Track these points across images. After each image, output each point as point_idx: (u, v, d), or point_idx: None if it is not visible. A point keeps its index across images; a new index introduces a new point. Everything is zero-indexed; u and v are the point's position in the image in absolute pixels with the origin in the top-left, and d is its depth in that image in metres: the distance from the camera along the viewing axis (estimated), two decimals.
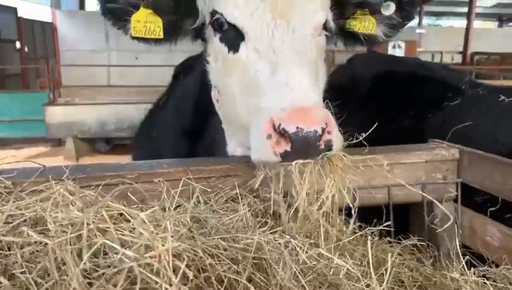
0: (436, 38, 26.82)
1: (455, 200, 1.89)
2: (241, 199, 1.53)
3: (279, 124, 1.32)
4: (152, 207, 1.14)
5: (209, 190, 1.56)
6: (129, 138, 9.83)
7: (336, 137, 1.40)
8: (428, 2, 28.04)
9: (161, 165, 1.61)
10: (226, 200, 1.54)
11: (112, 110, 10.86)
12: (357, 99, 3.13)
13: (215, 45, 1.75)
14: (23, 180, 1.42)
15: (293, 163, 1.40)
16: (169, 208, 1.27)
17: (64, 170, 1.45)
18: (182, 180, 1.48)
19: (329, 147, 1.37)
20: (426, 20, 37.18)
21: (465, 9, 24.39)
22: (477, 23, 31.26)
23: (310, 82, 1.44)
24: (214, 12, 1.68)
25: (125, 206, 1.09)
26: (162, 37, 1.79)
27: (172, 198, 1.37)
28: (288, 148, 1.33)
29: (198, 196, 1.49)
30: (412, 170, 1.84)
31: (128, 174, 1.52)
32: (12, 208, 1.11)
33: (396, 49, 17.41)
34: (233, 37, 1.64)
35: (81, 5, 24.61)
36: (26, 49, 18.32)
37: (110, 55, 20.70)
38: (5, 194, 1.30)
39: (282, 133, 1.32)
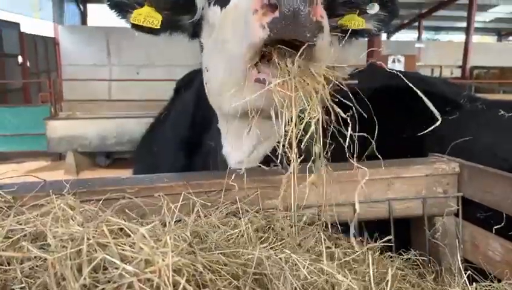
0: (435, 53, 27.03)
1: (456, 215, 1.88)
2: (242, 213, 1.53)
3: None
4: (152, 222, 1.14)
5: (209, 204, 1.56)
6: (129, 152, 9.85)
7: (326, 28, 1.36)
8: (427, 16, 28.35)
9: (161, 180, 1.62)
10: (227, 214, 1.54)
11: (112, 124, 10.89)
12: (358, 113, 3.14)
13: (210, 16, 1.82)
14: (24, 194, 1.42)
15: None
16: (169, 222, 1.27)
17: (64, 184, 1.45)
18: (182, 195, 1.48)
19: (320, 28, 1.32)
20: (425, 35, 37.52)
21: (463, 24, 24.62)
22: (476, 38, 31.55)
23: None
24: None
25: (125, 220, 1.09)
26: (158, 27, 1.89)
27: (172, 212, 1.37)
28: (277, 14, 1.27)
29: (198, 211, 1.48)
30: (413, 184, 1.84)
31: (129, 188, 1.52)
32: (12, 223, 1.11)
33: (396, 63, 17.54)
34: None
35: (83, 20, 24.88)
36: (28, 64, 18.46)
37: (112, 69, 20.86)
38: (5, 208, 1.30)
39: (270, 4, 1.28)
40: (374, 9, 1.96)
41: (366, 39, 13.32)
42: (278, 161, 1.52)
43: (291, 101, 1.38)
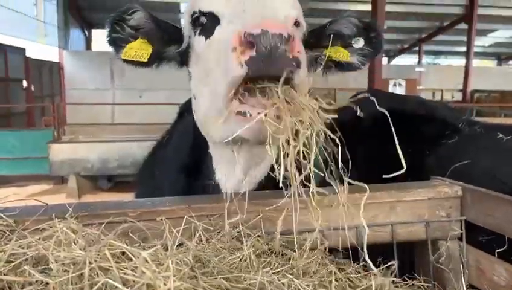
0: (435, 77, 27.23)
1: (460, 239, 1.87)
2: (244, 237, 1.52)
3: (245, 32, 1.31)
4: (154, 246, 1.14)
5: (211, 228, 1.56)
6: (131, 175, 9.84)
7: (304, 64, 1.39)
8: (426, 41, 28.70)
9: (163, 203, 1.62)
10: (229, 238, 1.53)
11: (114, 148, 10.93)
12: (359, 136, 3.16)
13: (195, 45, 1.88)
14: (26, 218, 1.42)
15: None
16: (171, 246, 1.26)
17: (66, 208, 1.45)
18: (185, 219, 1.48)
19: (298, 63, 1.35)
20: (425, 59, 37.92)
21: (463, 49, 24.91)
22: (475, 62, 31.86)
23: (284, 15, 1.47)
24: (193, 14, 1.83)
25: (127, 244, 1.09)
26: (146, 60, 1.98)
27: (174, 236, 1.36)
28: (254, 53, 1.30)
29: (200, 235, 1.48)
30: (415, 208, 1.84)
31: (131, 212, 1.52)
32: (14, 247, 1.11)
33: (397, 87, 17.67)
34: (209, 25, 1.75)
35: (88, 45, 25.28)
36: (32, 88, 18.66)
37: (115, 93, 21.05)
38: (7, 232, 1.30)
39: (248, 42, 1.31)
40: (359, 43, 2.04)
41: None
42: (280, 183, 1.52)
43: (284, 128, 1.41)
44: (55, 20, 21.20)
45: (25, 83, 18.31)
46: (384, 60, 35.78)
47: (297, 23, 1.81)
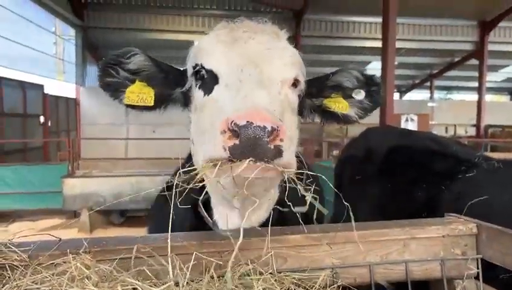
0: (448, 112, 27.20)
1: (476, 278, 1.82)
2: (256, 275, 1.50)
3: (232, 121, 1.35)
4: (166, 282, 1.14)
5: (221, 263, 1.55)
6: (143, 210, 9.82)
7: (289, 149, 1.41)
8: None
9: (175, 239, 1.62)
10: (240, 276, 1.51)
11: (127, 182, 10.98)
12: (372, 171, 3.16)
13: (195, 95, 1.88)
14: (40, 253, 1.43)
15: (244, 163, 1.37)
16: (183, 284, 1.26)
17: (79, 243, 1.46)
18: (194, 254, 1.47)
19: (279, 151, 1.38)
20: (437, 94, 37.99)
21: (475, 84, 24.96)
22: (488, 97, 31.82)
23: (270, 103, 1.48)
24: (195, 66, 1.85)
25: (139, 280, 1.09)
26: (152, 104, 1.98)
27: (185, 273, 1.36)
28: (237, 142, 1.34)
29: (211, 271, 1.47)
30: (430, 245, 1.81)
31: (143, 247, 1.52)
32: (28, 282, 1.12)
33: (409, 122, 17.64)
34: (209, 82, 1.76)
35: None
36: (49, 123, 19.08)
37: (129, 128, 21.39)
38: (21, 268, 1.31)
39: (234, 130, 1.35)
40: (360, 96, 2.05)
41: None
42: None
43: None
44: (73, 58, 21.90)
45: (42, 119, 18.74)
46: (396, 95, 35.94)
47: (295, 83, 1.84)
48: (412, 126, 17.23)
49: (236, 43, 1.75)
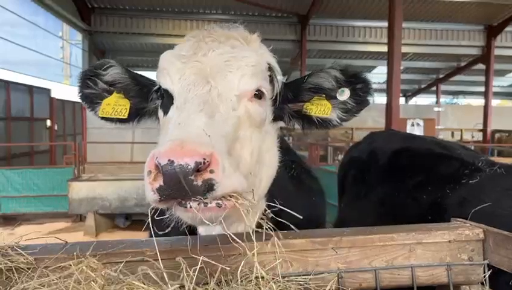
0: (454, 117, 27.10)
1: (482, 283, 1.81)
2: (262, 280, 1.50)
3: (156, 158, 1.26)
4: (172, 286, 1.14)
5: (228, 268, 1.55)
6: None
7: (225, 178, 1.29)
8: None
9: (180, 243, 1.62)
10: (249, 280, 1.51)
11: (132, 186, 11.01)
12: (376, 174, 3.15)
13: (159, 114, 1.85)
14: (46, 256, 1.44)
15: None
16: (188, 288, 1.26)
17: (85, 246, 1.47)
18: (201, 258, 1.47)
19: (209, 186, 1.26)
20: (443, 99, 37.86)
21: (481, 89, 24.85)
22: (494, 102, 31.64)
23: (206, 127, 1.37)
24: (156, 84, 1.83)
25: (144, 284, 1.09)
26: (125, 117, 1.96)
27: (191, 277, 1.36)
28: (162, 183, 1.24)
29: (217, 275, 1.47)
30: (436, 251, 1.79)
31: (148, 251, 1.53)
32: (35, 285, 1.12)
33: (415, 127, 17.58)
34: (166, 101, 1.73)
35: None
36: (55, 127, 19.20)
37: (135, 132, 21.46)
38: (28, 270, 1.31)
39: (158, 169, 1.26)
40: (344, 95, 1.88)
41: (385, 104, 13.32)
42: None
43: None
44: (80, 62, 22.07)
45: (48, 122, 18.87)
46: (402, 100, 35.85)
47: (259, 94, 1.73)
48: (418, 131, 17.17)
49: (193, 57, 1.68)
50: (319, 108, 1.90)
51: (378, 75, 30.58)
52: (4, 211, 11.62)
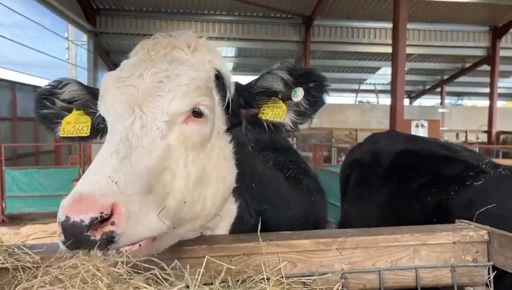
0: (459, 118, 27.01)
1: (487, 285, 1.81)
2: (267, 281, 1.50)
3: (59, 211, 1.24)
4: (177, 286, 1.15)
5: (234, 267, 1.55)
6: None
7: (130, 228, 1.24)
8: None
9: (185, 242, 1.63)
10: (254, 281, 1.52)
11: None
12: (379, 175, 3.15)
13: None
14: (52, 255, 1.46)
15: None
16: (194, 288, 1.26)
17: None
18: (206, 258, 1.48)
19: (110, 238, 1.21)
20: (448, 100, 37.73)
21: (486, 90, 24.75)
22: (500, 103, 31.50)
23: (115, 172, 1.31)
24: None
25: (150, 284, 1.10)
26: (88, 134, 1.89)
27: (196, 276, 1.37)
28: (63, 237, 1.21)
29: (222, 275, 1.47)
30: (440, 252, 1.79)
31: None
32: (41, 283, 1.13)
33: (420, 128, 17.52)
34: (106, 130, 1.62)
35: None
36: None
37: None
38: (34, 269, 1.33)
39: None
40: (298, 95, 1.72)
41: (389, 104, 13.26)
42: None
43: None
44: (85, 63, 22.17)
45: None
46: (406, 101, 35.77)
47: (196, 112, 1.60)
48: (423, 132, 17.10)
49: (128, 80, 1.58)
50: (274, 111, 1.77)
51: (382, 76, 30.52)
52: (10, 211, 11.68)
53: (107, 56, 23.94)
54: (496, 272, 1.77)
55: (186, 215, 1.52)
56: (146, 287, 1.04)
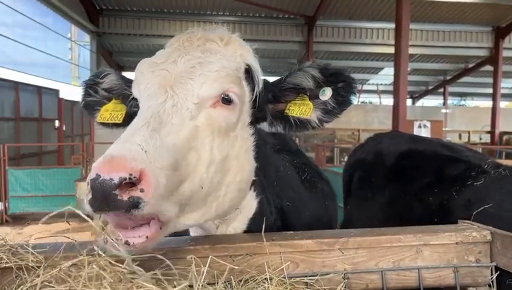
0: (462, 118, 26.94)
1: (489, 285, 1.80)
2: (270, 281, 1.51)
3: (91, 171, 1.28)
4: (180, 285, 1.15)
5: (237, 267, 1.56)
6: None
7: (154, 199, 1.28)
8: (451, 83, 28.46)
9: (187, 243, 1.63)
10: (257, 281, 1.52)
11: None
12: (382, 175, 3.14)
13: None
14: (55, 255, 1.46)
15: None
16: (197, 287, 1.27)
17: (94, 245, 1.48)
18: (210, 258, 1.49)
19: (135, 203, 1.24)
20: (451, 101, 37.63)
21: (489, 90, 24.67)
22: (503, 104, 31.40)
23: (145, 142, 1.35)
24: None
25: (153, 284, 1.10)
26: (121, 121, 1.99)
27: (199, 276, 1.37)
28: (91, 196, 1.25)
29: (226, 275, 1.48)
30: (443, 252, 1.79)
31: (156, 250, 1.54)
32: (45, 283, 1.14)
33: (422, 128, 17.49)
34: (138, 111, 1.68)
35: None
36: (64, 128, 19.35)
37: None
38: (37, 269, 1.33)
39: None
40: (326, 95, 1.79)
41: (391, 105, 13.22)
42: None
43: None
44: (88, 63, 22.23)
45: (57, 123, 19.01)
46: (409, 102, 35.71)
47: (227, 98, 1.67)
48: (425, 133, 17.08)
49: (162, 65, 1.66)
50: (301, 108, 1.84)
51: (385, 76, 30.49)
52: (13, 211, 11.73)
53: (110, 56, 23.98)
54: (498, 272, 1.77)
55: (198, 200, 1.55)
56: (150, 287, 1.05)
